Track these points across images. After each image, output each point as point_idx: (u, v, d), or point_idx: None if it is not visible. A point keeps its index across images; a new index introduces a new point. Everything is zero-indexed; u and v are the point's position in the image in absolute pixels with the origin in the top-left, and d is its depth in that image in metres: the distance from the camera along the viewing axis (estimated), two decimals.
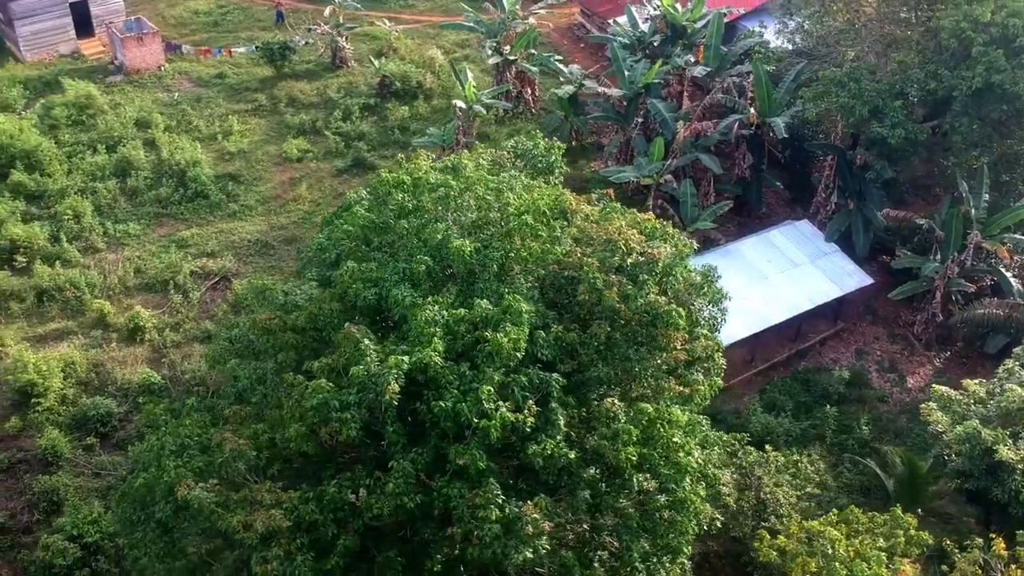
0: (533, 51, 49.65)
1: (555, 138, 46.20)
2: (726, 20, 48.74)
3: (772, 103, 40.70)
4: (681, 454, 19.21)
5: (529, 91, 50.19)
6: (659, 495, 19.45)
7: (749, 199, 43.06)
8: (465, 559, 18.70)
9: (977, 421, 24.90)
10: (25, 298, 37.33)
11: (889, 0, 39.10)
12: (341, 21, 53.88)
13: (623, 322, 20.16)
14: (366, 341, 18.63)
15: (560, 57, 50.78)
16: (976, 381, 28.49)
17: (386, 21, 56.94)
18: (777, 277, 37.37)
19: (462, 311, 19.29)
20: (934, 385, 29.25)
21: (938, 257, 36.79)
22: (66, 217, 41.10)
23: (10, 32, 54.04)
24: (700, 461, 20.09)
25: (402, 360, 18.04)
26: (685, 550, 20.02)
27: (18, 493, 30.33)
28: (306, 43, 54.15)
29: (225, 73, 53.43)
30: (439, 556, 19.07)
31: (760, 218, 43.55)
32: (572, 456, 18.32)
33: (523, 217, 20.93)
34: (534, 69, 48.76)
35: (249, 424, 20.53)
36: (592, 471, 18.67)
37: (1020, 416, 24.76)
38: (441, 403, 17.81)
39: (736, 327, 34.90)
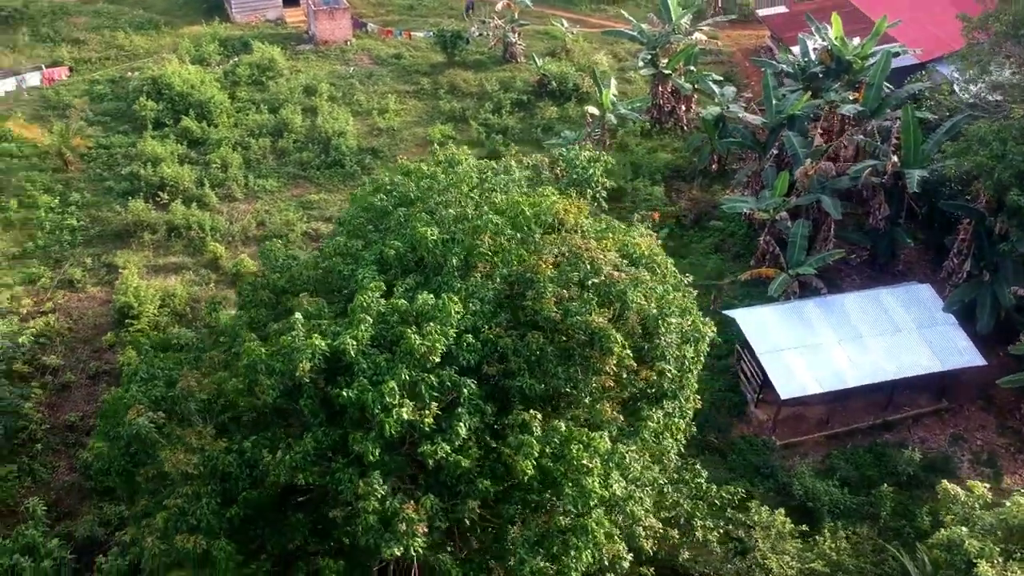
0: (692, 68, 48.36)
1: (695, 159, 45.87)
2: (910, 62, 45.56)
3: (917, 153, 37.41)
4: (589, 479, 18.40)
5: (683, 108, 48.99)
6: (561, 516, 18.77)
7: (878, 253, 39.87)
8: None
9: (965, 529, 21.88)
10: (157, 231, 41.19)
11: None
12: (516, 17, 54.90)
13: (564, 338, 19.61)
14: (298, 315, 19.32)
15: (719, 77, 49.01)
16: (986, 484, 25.25)
17: (564, 22, 57.38)
18: (873, 339, 34.40)
19: (400, 302, 19.52)
20: (943, 481, 26.14)
21: None
22: (215, 165, 44.89)
23: None
24: (619, 492, 19.04)
25: (320, 341, 18.56)
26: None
27: (93, 399, 33.67)
28: (480, 35, 55.67)
29: (402, 55, 56.03)
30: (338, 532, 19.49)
31: (893, 275, 40.19)
32: (465, 463, 18.11)
33: (490, 216, 20.81)
34: (687, 86, 47.52)
35: (218, 371, 21.80)
36: (487, 482, 18.33)
37: (1021, 533, 21.51)
38: (344, 392, 18.13)
39: (806, 381, 32.89)
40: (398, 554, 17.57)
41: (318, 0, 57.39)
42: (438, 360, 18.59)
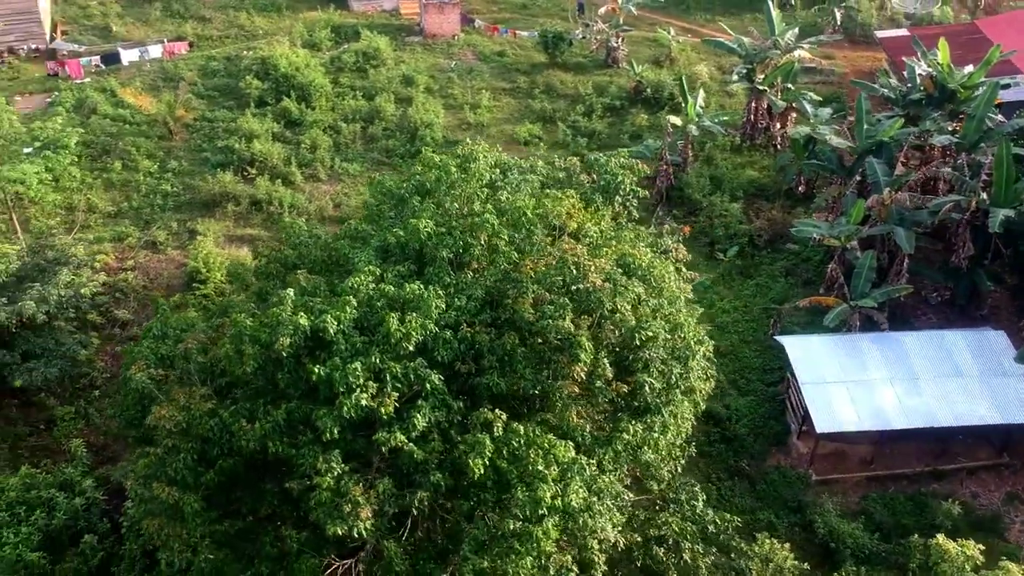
0: (790, 85, 46.91)
1: (781, 179, 44.52)
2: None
3: (1008, 192, 35.20)
4: (544, 486, 18.23)
5: (777, 125, 47.60)
6: (511, 520, 18.70)
7: (958, 294, 37.71)
8: None
9: None
10: (241, 203, 43.11)
11: None
12: (620, 22, 54.57)
13: (540, 340, 19.54)
14: (289, 291, 19.99)
15: (818, 97, 47.29)
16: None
17: (671, 30, 56.64)
18: (929, 382, 32.59)
19: (389, 288, 19.92)
20: (938, 536, 24.47)
21: None
22: (304, 145, 46.61)
23: None
24: (576, 503, 18.75)
25: (303, 318, 19.17)
26: None
27: None
28: (583, 37, 55.61)
29: (505, 52, 56.62)
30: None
31: (973, 319, 37.89)
32: (419, 454, 18.33)
33: (487, 215, 20.94)
34: (781, 103, 46.14)
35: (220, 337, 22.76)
36: (440, 475, 18.46)
37: None
38: (317, 369, 18.64)
39: (847, 417, 31.55)
40: (340, 533, 17.96)
41: None
42: (412, 350, 18.87)
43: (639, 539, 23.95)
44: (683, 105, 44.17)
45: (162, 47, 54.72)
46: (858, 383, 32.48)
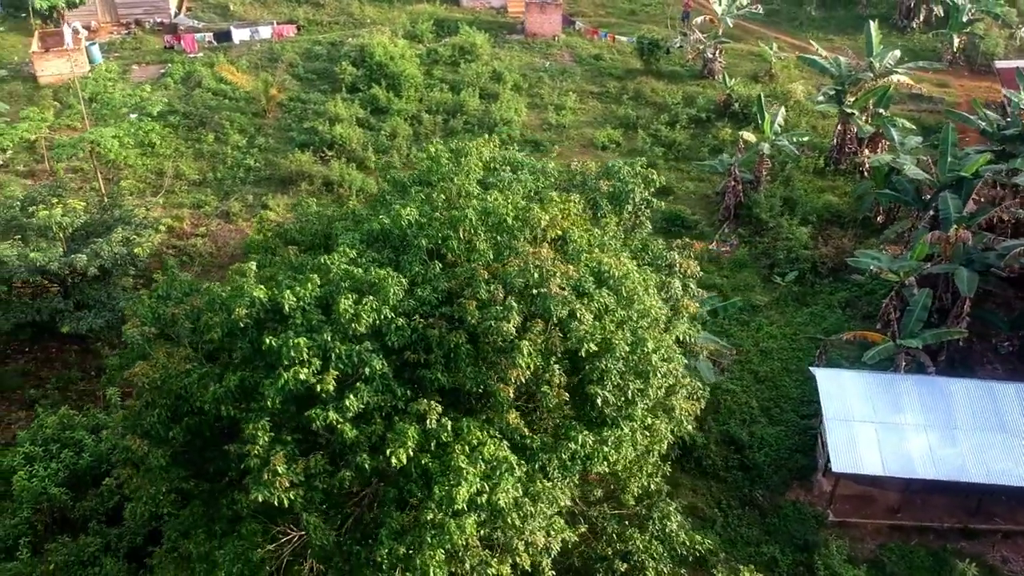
0: (882, 111, 44.84)
1: (858, 207, 42.69)
2: None
3: None
4: (464, 484, 18.25)
5: (866, 152, 45.58)
6: (427, 510, 18.72)
7: None
8: None
9: None
10: (314, 182, 44.65)
11: None
12: (719, 33, 53.42)
13: (488, 341, 19.55)
14: (252, 264, 20.76)
15: (911, 126, 44.97)
16: None
17: (775, 45, 55.01)
18: (968, 433, 30.61)
19: (357, 270, 20.39)
20: None
21: None
22: (384, 133, 47.80)
23: None
24: (504, 503, 18.59)
25: (261, 291, 19.89)
26: None
27: None
28: (681, 46, 54.73)
29: (602, 56, 56.37)
30: None
31: None
32: (349, 434, 18.68)
33: (467, 211, 21.09)
34: (868, 128, 44.17)
35: None
36: (365, 456, 18.73)
37: None
38: (268, 340, 19.28)
39: (868, 459, 30.05)
40: (259, 500, 18.53)
41: None
42: (363, 332, 19.27)
43: (607, 551, 23.71)
44: (760, 121, 42.89)
45: (271, 28, 57.16)
46: (888, 425, 30.86)
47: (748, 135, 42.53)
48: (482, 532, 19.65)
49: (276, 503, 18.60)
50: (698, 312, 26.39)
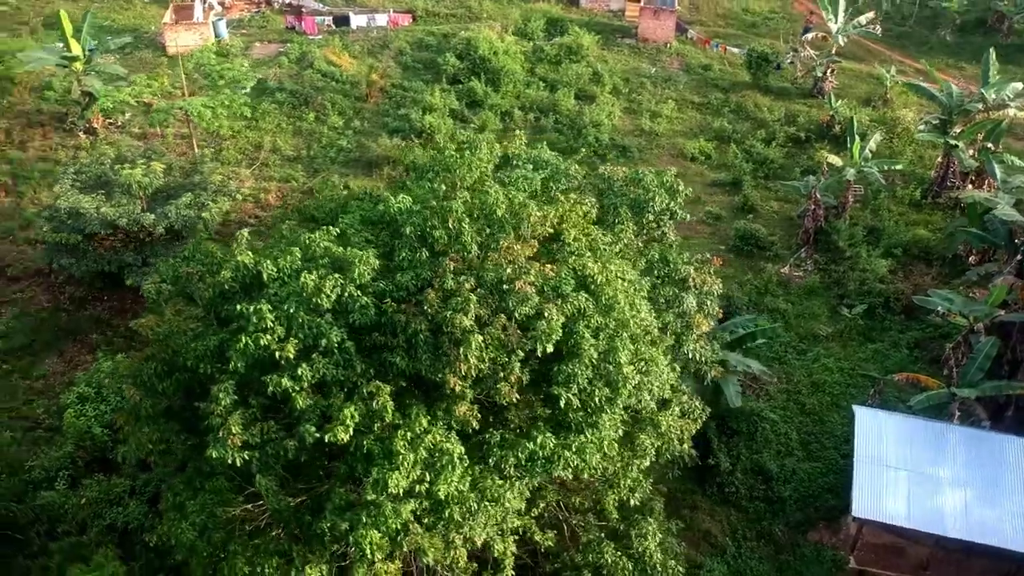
0: (990, 144, 42.00)
1: (947, 245, 40.28)
2: None
3: None
4: (401, 468, 18.40)
5: (970, 187, 42.83)
6: (367, 490, 18.92)
7: None
8: None
9: None
10: (396, 168, 45.61)
11: None
12: (832, 51, 51.29)
13: (445, 331, 19.61)
14: (244, 231, 21.60)
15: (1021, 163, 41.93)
16: None
17: (893, 68, 52.34)
18: (1011, 495, 28.35)
19: (338, 248, 20.91)
20: None
21: None
22: (473, 125, 48.37)
23: None
24: (444, 493, 18.67)
25: (246, 257, 20.68)
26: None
27: None
28: (791, 62, 52.86)
29: (711, 67, 55.16)
30: None
31: None
32: (300, 403, 19.15)
33: (456, 203, 21.22)
34: (971, 162, 41.49)
35: None
36: (312, 428, 19.09)
37: None
38: (239, 305, 19.98)
39: (893, 508, 28.44)
40: (214, 456, 19.25)
41: None
42: (326, 306, 19.75)
43: (578, 560, 23.43)
44: (849, 145, 40.99)
45: (388, 16, 58.76)
46: (924, 476, 29.02)
47: (833, 158, 40.72)
48: (425, 521, 19.77)
49: (230, 462, 19.25)
50: (710, 330, 25.51)
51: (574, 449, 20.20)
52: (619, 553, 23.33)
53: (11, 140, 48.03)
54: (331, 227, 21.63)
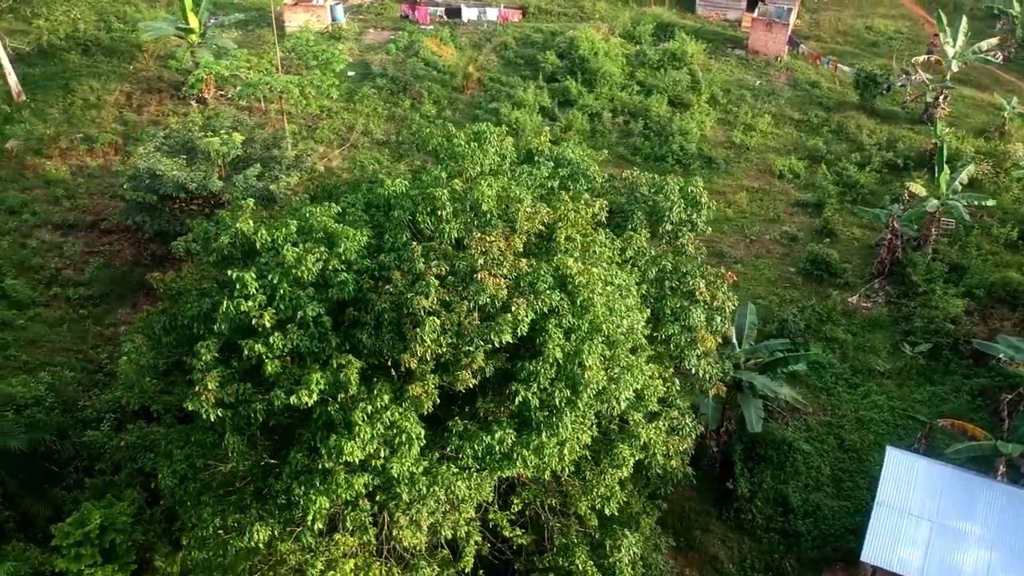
0: None
1: None
2: None
3: None
4: (351, 443, 18.83)
5: None
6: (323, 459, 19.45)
7: None
8: None
9: None
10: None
11: None
12: (947, 78, 48.49)
13: (406, 312, 19.90)
14: (249, 200, 22.54)
15: None
16: None
17: (1015, 100, 48.99)
18: None
19: (331, 223, 21.55)
20: None
21: None
22: (560, 124, 48.34)
23: None
24: (395, 472, 18.95)
25: (244, 225, 21.60)
26: None
27: None
28: (902, 85, 50.32)
29: (819, 84, 53.19)
30: None
31: None
32: (270, 368, 19.85)
33: (441, 190, 21.49)
34: None
35: None
36: (281, 393, 19.68)
37: None
38: (230, 271, 20.83)
39: (908, 559, 27.05)
40: (189, 408, 20.21)
41: (770, 10, 56.66)
42: (307, 278, 20.40)
43: (548, 563, 23.36)
44: (936, 175, 38.76)
45: (498, 11, 59.37)
46: (948, 529, 27.34)
47: (918, 187, 38.61)
48: (378, 498, 20.15)
49: (204, 416, 20.17)
50: (716, 346, 24.80)
51: (531, 448, 20.12)
52: (589, 562, 23.09)
53: (130, 103, 51.33)
54: (332, 204, 22.27)
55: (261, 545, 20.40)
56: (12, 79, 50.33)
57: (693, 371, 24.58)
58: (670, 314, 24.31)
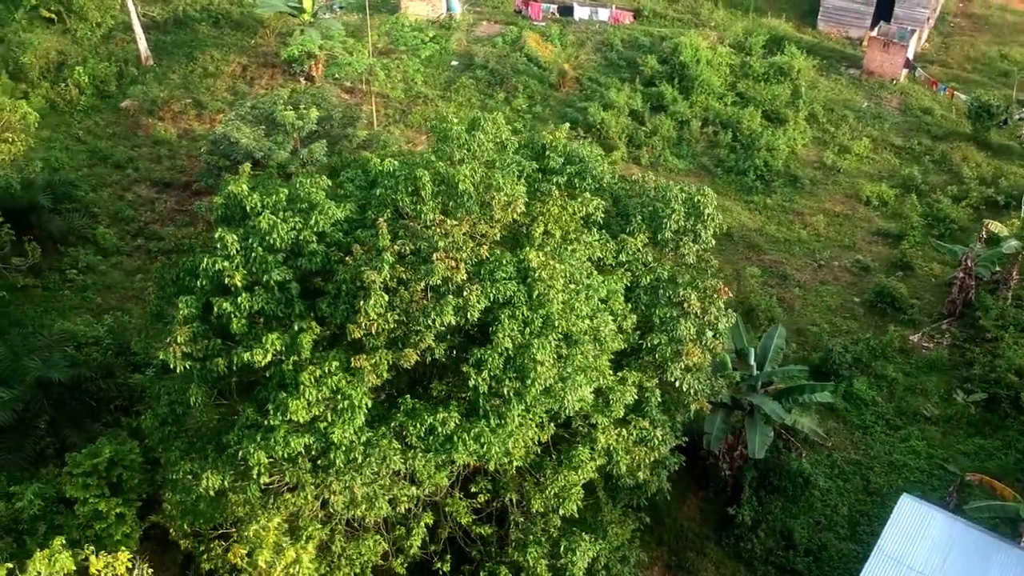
0: None
1: None
2: None
3: None
4: (296, 402, 19.49)
5: None
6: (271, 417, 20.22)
7: None
8: None
9: None
10: None
11: None
12: None
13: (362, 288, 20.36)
14: (247, 164, 23.65)
15: None
16: None
17: None
18: None
19: (319, 194, 22.33)
20: None
21: None
22: (645, 129, 47.83)
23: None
24: (336, 439, 19.52)
25: (236, 187, 22.69)
26: None
27: None
28: (1020, 119, 46.95)
29: (932, 111, 50.35)
30: None
31: None
32: (235, 326, 20.74)
33: (418, 171, 21.85)
34: None
35: None
36: (245, 353, 20.53)
37: None
38: (218, 232, 21.92)
39: None
40: (160, 358, 21.40)
41: (891, 30, 53.99)
42: (279, 245, 21.24)
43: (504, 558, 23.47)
44: (1021, 212, 36.12)
45: (609, 12, 59.01)
46: None
47: (997, 226, 36.05)
48: (319, 462, 20.76)
49: (172, 367, 21.34)
50: (702, 361, 24.11)
51: (471, 435, 20.24)
52: (543, 560, 23.01)
53: (245, 75, 54.04)
54: (323, 177, 23.03)
55: (211, 493, 21.38)
56: (142, 44, 53.94)
57: (676, 383, 24.02)
58: (659, 323, 23.85)
